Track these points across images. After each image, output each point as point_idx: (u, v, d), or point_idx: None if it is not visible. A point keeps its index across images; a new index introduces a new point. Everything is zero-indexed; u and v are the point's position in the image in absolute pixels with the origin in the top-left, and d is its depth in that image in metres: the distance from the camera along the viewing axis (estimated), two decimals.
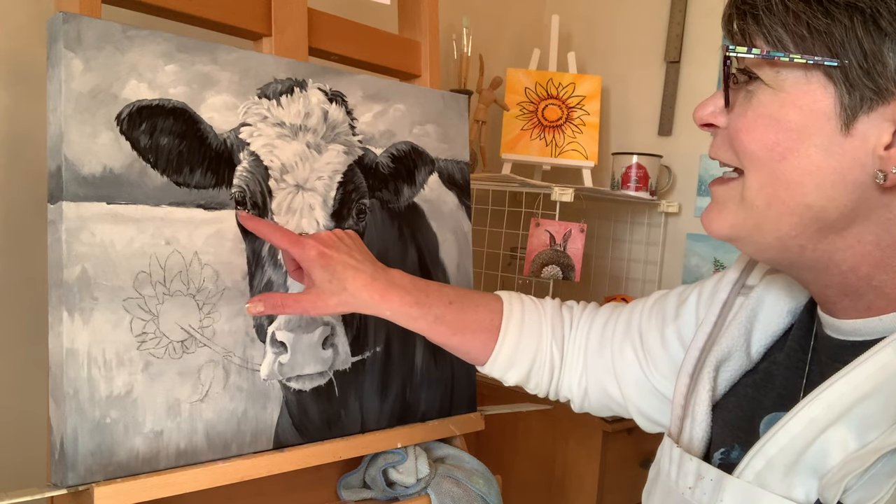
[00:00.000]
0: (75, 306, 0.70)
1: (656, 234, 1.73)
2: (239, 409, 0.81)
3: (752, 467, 0.54)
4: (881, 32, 0.49)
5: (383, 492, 0.94)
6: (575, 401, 0.84)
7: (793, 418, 0.53)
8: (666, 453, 0.64)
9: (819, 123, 0.52)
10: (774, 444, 0.53)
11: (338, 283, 0.74)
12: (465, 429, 1.03)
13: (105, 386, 0.72)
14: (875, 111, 0.50)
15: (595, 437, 1.34)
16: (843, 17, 0.50)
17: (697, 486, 0.58)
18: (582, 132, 1.67)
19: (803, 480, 0.52)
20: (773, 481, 0.53)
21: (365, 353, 0.93)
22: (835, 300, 0.57)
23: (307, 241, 0.76)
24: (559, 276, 1.41)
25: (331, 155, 0.90)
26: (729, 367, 0.65)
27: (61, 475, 0.70)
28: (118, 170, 0.74)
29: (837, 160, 0.51)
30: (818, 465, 0.51)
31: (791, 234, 0.54)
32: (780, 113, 0.53)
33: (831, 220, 0.53)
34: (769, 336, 0.65)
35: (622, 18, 1.81)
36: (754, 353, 0.65)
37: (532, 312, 0.82)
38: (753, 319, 0.66)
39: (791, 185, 0.53)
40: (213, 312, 0.79)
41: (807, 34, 0.51)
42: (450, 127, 1.05)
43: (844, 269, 0.55)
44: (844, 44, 0.50)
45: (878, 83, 0.49)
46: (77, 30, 0.72)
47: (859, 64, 0.50)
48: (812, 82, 0.52)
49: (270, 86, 0.86)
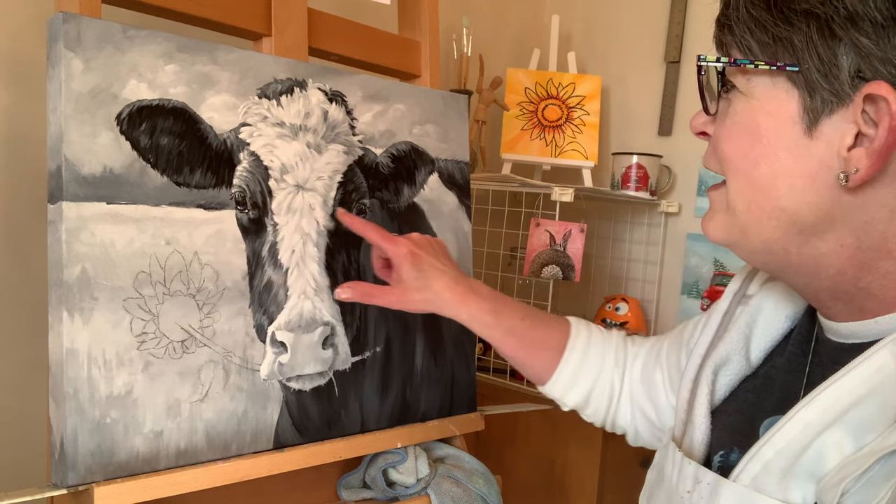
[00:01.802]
0: (75, 306, 0.70)
1: (656, 234, 1.73)
2: (239, 409, 0.81)
3: (749, 471, 0.54)
4: (835, 36, 0.50)
5: (383, 492, 0.94)
6: (629, 433, 0.86)
7: (789, 421, 0.53)
8: (669, 457, 0.64)
9: (786, 127, 0.53)
10: (771, 448, 0.54)
11: (424, 281, 0.79)
12: (465, 429, 1.03)
13: (105, 386, 0.72)
14: (836, 113, 0.52)
15: (595, 437, 1.34)
16: (801, 24, 0.52)
17: (695, 490, 0.59)
18: (582, 132, 1.67)
19: (800, 484, 0.52)
20: (770, 485, 0.53)
21: (365, 353, 0.93)
22: (828, 304, 0.58)
23: (400, 240, 0.81)
24: (559, 276, 1.41)
25: (331, 155, 0.90)
26: (728, 372, 0.66)
27: (61, 475, 0.70)
28: (118, 170, 0.74)
29: (805, 163, 0.53)
30: (815, 468, 0.51)
31: (773, 238, 0.56)
32: (752, 119, 0.55)
33: (809, 223, 0.54)
34: (769, 341, 0.66)
35: (622, 18, 1.81)
36: (754, 357, 0.66)
37: (598, 338, 0.85)
38: (752, 325, 0.67)
39: (765, 190, 0.55)
40: (213, 312, 0.79)
41: (770, 41, 0.53)
42: (450, 127, 1.05)
43: (832, 273, 0.56)
44: (803, 49, 0.52)
45: (835, 86, 0.51)
46: (77, 30, 0.72)
47: (817, 68, 0.51)
48: (778, 87, 0.54)
49: (270, 86, 0.86)
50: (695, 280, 1.66)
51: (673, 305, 1.71)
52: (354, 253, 0.91)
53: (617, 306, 1.64)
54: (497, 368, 1.57)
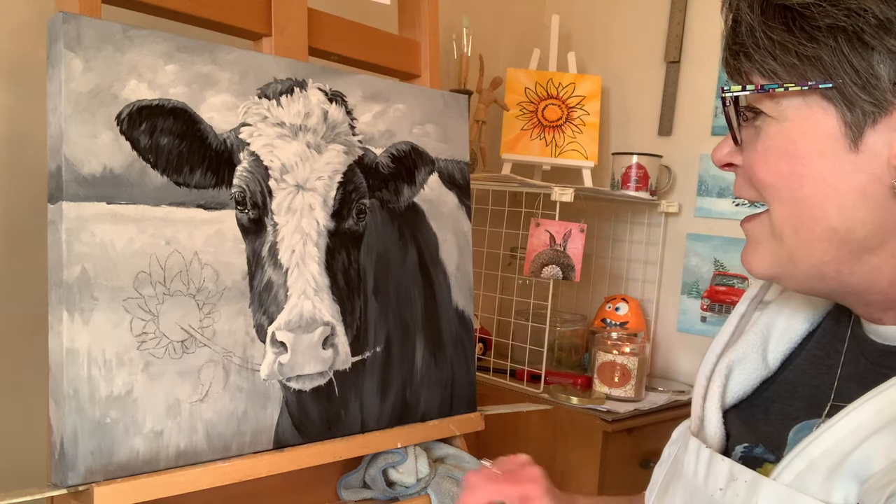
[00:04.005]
0: (75, 306, 0.70)
1: (656, 234, 1.73)
2: (239, 409, 0.81)
3: (792, 469, 0.54)
4: (867, 47, 0.50)
5: (383, 492, 0.94)
6: None
7: (840, 421, 0.52)
8: (692, 454, 0.64)
9: (827, 145, 0.52)
10: (818, 447, 0.53)
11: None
12: (465, 429, 1.03)
13: (105, 386, 0.72)
14: (880, 123, 0.51)
15: (595, 437, 1.34)
16: (827, 40, 0.51)
17: (729, 488, 0.57)
18: (582, 132, 1.67)
19: (843, 485, 0.51)
20: (813, 485, 0.52)
21: (365, 353, 0.93)
22: (878, 315, 0.58)
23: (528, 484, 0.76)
24: (559, 276, 1.41)
25: (331, 155, 0.90)
26: (743, 370, 0.66)
27: (61, 475, 0.70)
28: (118, 170, 0.74)
29: (854, 178, 0.52)
30: (860, 470, 0.51)
31: (825, 260, 0.55)
32: (788, 142, 0.54)
33: (861, 240, 0.53)
34: (787, 343, 0.66)
35: (622, 18, 1.81)
36: (771, 359, 0.66)
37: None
38: (770, 327, 0.67)
39: (814, 210, 0.53)
40: (213, 312, 0.79)
41: (797, 62, 0.52)
42: (450, 127, 1.05)
43: (884, 286, 0.55)
44: (835, 64, 0.51)
45: (876, 96, 0.50)
46: (77, 30, 0.72)
47: (853, 81, 0.50)
48: (812, 107, 0.52)
49: (270, 86, 0.86)
50: (695, 280, 1.66)
51: (673, 305, 1.71)
52: (354, 253, 0.91)
53: (617, 306, 1.64)
54: (497, 368, 1.57)
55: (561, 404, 1.38)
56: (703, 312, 1.65)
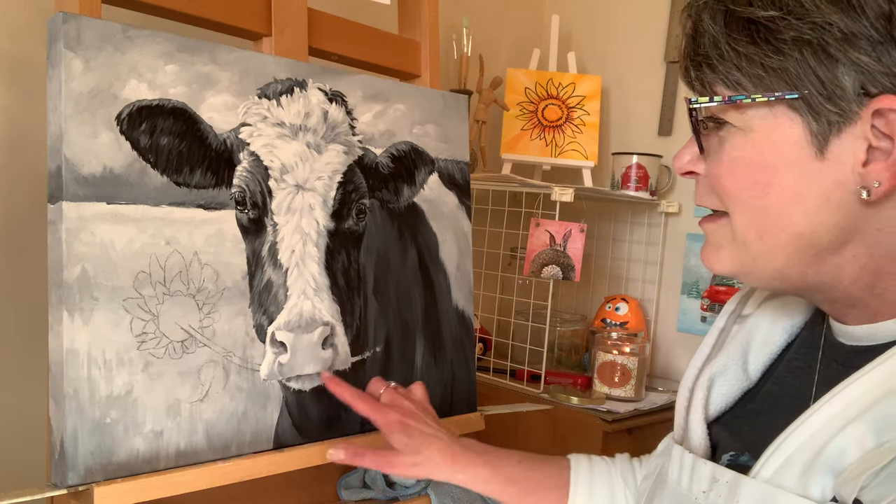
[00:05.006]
0: (75, 306, 0.70)
1: (656, 234, 1.73)
2: (239, 409, 0.81)
3: (770, 466, 0.55)
4: (832, 59, 0.51)
5: (383, 492, 0.94)
6: None
7: (813, 415, 0.54)
8: (675, 461, 0.65)
9: (793, 154, 0.53)
10: (793, 442, 0.54)
11: (415, 447, 0.78)
12: (465, 429, 1.03)
13: (105, 386, 0.72)
14: (844, 132, 0.52)
15: (595, 437, 1.34)
16: (793, 52, 0.52)
17: (712, 490, 0.59)
18: (582, 132, 1.67)
19: (819, 479, 0.52)
20: (790, 480, 0.53)
21: (365, 354, 0.93)
22: (843, 311, 0.59)
23: (388, 411, 0.80)
24: (559, 276, 1.41)
25: (331, 155, 0.90)
26: (725, 382, 0.67)
27: (61, 475, 0.70)
28: (118, 170, 0.74)
29: (818, 184, 0.53)
30: (835, 463, 0.51)
31: (789, 265, 0.56)
32: (754, 152, 0.55)
33: (825, 243, 0.55)
34: (767, 354, 0.67)
35: (622, 18, 1.81)
36: (752, 370, 0.67)
37: (599, 464, 0.84)
38: (750, 339, 0.68)
39: (779, 218, 0.55)
40: (213, 312, 0.79)
41: (763, 73, 0.53)
42: (450, 127, 1.05)
43: (847, 284, 0.56)
44: (800, 76, 0.52)
45: (841, 106, 0.51)
46: (77, 30, 0.72)
47: (819, 92, 0.51)
48: (778, 116, 0.54)
49: (270, 86, 0.86)
50: (695, 280, 1.66)
51: (673, 305, 1.71)
52: (354, 253, 0.91)
53: (617, 306, 1.64)
54: (497, 368, 1.57)
55: (561, 404, 1.38)
56: (703, 312, 1.65)
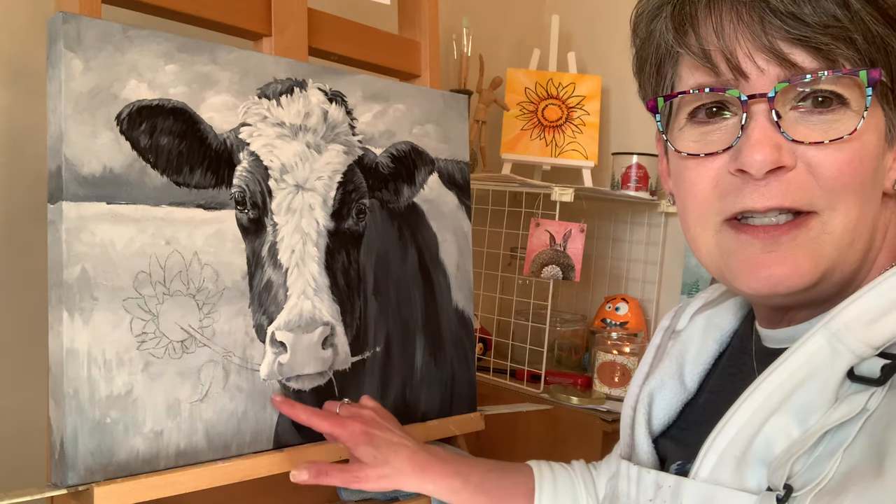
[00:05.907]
0: (75, 306, 0.70)
1: (656, 234, 1.73)
2: (239, 409, 0.81)
3: (706, 465, 0.56)
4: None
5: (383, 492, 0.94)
6: None
7: (738, 410, 0.55)
8: (623, 476, 0.66)
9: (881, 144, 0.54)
10: (723, 438, 0.55)
11: (382, 457, 0.78)
12: (465, 429, 1.03)
13: (105, 386, 0.72)
14: None
15: (595, 437, 1.33)
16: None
17: (657, 497, 0.60)
18: (582, 132, 1.67)
19: (753, 471, 0.53)
20: (726, 476, 0.54)
21: (365, 354, 0.93)
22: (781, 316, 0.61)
23: (350, 423, 0.80)
24: (559, 276, 1.41)
25: (331, 155, 0.90)
26: (665, 395, 0.69)
27: (61, 475, 0.70)
28: (118, 170, 0.74)
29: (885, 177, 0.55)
30: (765, 454, 0.53)
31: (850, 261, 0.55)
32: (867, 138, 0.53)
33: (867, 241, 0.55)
34: (701, 365, 0.69)
35: (622, 18, 1.79)
36: (689, 382, 0.69)
37: (560, 471, 0.85)
38: (685, 353, 0.70)
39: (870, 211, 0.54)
40: (212, 312, 0.79)
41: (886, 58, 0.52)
42: (450, 127, 1.05)
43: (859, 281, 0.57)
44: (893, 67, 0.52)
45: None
46: (77, 30, 0.72)
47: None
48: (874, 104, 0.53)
49: (270, 86, 0.86)
50: (695, 280, 1.66)
51: (673, 305, 1.70)
52: (354, 253, 0.91)
53: (617, 306, 1.64)
54: (497, 368, 1.57)
55: (561, 404, 1.38)
56: None
